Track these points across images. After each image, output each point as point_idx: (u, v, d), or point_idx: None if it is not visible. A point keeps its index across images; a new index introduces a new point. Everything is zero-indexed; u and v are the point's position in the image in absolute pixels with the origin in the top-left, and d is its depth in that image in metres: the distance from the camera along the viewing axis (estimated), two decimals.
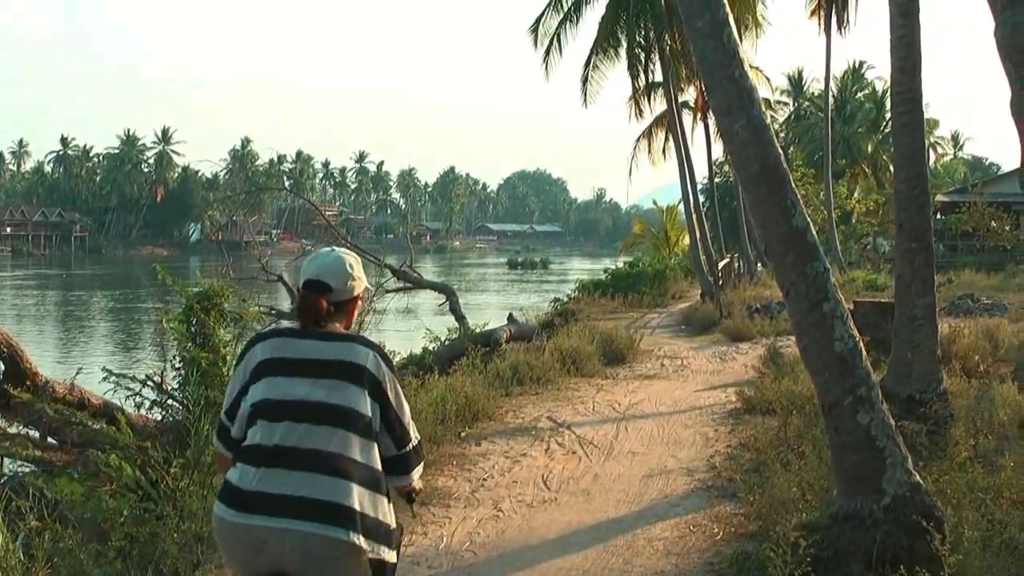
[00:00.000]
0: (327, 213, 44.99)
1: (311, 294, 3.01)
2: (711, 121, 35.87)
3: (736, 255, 40.74)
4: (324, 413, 2.81)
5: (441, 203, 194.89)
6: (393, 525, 2.87)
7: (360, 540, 2.73)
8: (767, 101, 43.91)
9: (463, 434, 9.98)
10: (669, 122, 31.77)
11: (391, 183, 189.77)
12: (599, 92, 30.55)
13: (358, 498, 2.76)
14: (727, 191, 50.24)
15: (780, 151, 5.94)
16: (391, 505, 2.88)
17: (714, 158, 40.08)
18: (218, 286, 8.69)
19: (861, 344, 5.69)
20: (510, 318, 20.53)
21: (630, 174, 39.53)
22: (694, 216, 30.40)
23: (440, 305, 23.23)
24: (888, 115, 61.95)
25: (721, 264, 29.61)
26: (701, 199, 37.51)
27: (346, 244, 19.86)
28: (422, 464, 3.00)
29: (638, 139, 39.03)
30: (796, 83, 68.88)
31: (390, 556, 2.85)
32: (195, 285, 8.18)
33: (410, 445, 2.94)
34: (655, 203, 56.96)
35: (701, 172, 46.71)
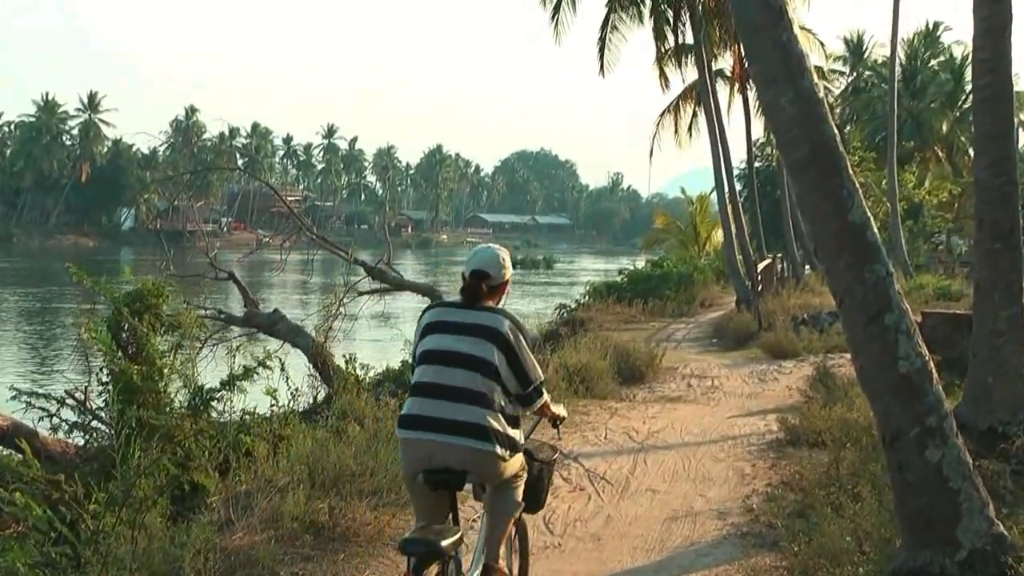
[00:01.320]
0: (289, 198, 44.99)
1: (474, 280, 5.16)
2: (751, 93, 35.87)
3: (779, 255, 40.77)
4: (467, 361, 4.93)
5: (426, 188, 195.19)
6: (518, 439, 5.06)
7: (496, 448, 4.88)
8: (820, 70, 43.99)
9: None
10: (700, 94, 31.76)
11: (366, 163, 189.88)
12: (618, 59, 30.61)
13: (490, 420, 4.87)
14: (769, 178, 50.37)
15: (835, 130, 5.93)
16: (517, 422, 5.07)
17: (754, 138, 40.13)
18: (154, 285, 8.71)
19: (931, 364, 5.68)
20: None
21: (651, 156, 39.47)
22: (729, 208, 30.42)
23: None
24: (968, 87, 61.89)
25: (761, 266, 29.62)
26: (738, 187, 37.56)
27: (311, 236, 19.84)
28: (546, 396, 5.18)
29: (662, 114, 38.93)
30: (855, 48, 68.61)
31: (515, 459, 5.06)
32: (126, 284, 8.17)
33: (532, 385, 5.05)
34: (683, 191, 57.10)
35: (738, 155, 46.82)
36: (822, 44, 42.59)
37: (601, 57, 30.62)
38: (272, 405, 10.94)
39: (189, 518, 7.45)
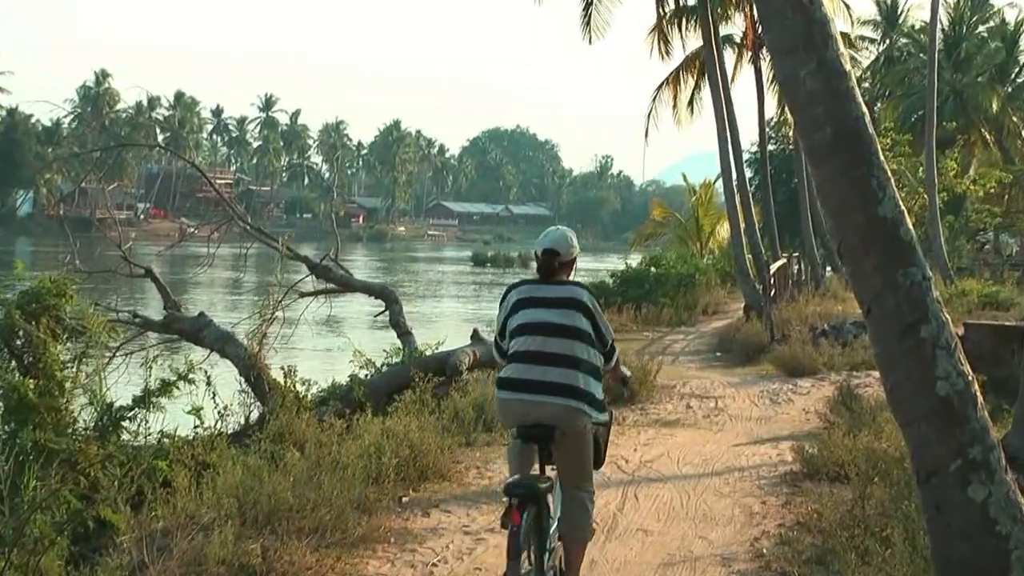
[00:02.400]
0: (218, 181, 44.80)
1: (547, 258, 6.90)
2: (765, 64, 36.01)
3: (795, 254, 40.99)
4: (558, 329, 6.65)
5: (381, 172, 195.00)
6: (601, 397, 6.74)
7: (585, 407, 6.55)
8: (846, 37, 44.13)
9: (405, 499, 9.97)
10: (705, 64, 31.82)
11: (310, 141, 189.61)
12: (609, 23, 30.65)
13: (582, 381, 6.57)
14: (785, 164, 50.59)
15: (863, 108, 5.94)
16: (601, 386, 6.79)
17: (768, 117, 40.33)
18: (54, 282, 8.63)
19: (975, 385, 5.69)
20: (475, 336, 20.44)
21: (647, 137, 39.53)
22: (737, 198, 30.52)
23: (376, 316, 23.09)
24: (1023, 58, 62.16)
25: (774, 267, 29.74)
26: (748, 174, 37.68)
27: (244, 226, 19.75)
28: (617, 356, 7.07)
29: (660, 88, 38.95)
30: (888, 12, 68.74)
31: (603, 417, 6.79)
32: (20, 281, 8.10)
33: (608, 346, 6.90)
34: (684, 179, 57.27)
35: (749, 136, 46.88)
36: (847, 7, 42.78)
37: (587, 19, 30.66)
38: (196, 426, 10.89)
39: (94, 561, 7.39)
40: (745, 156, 37.49)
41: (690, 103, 38.86)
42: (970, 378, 5.70)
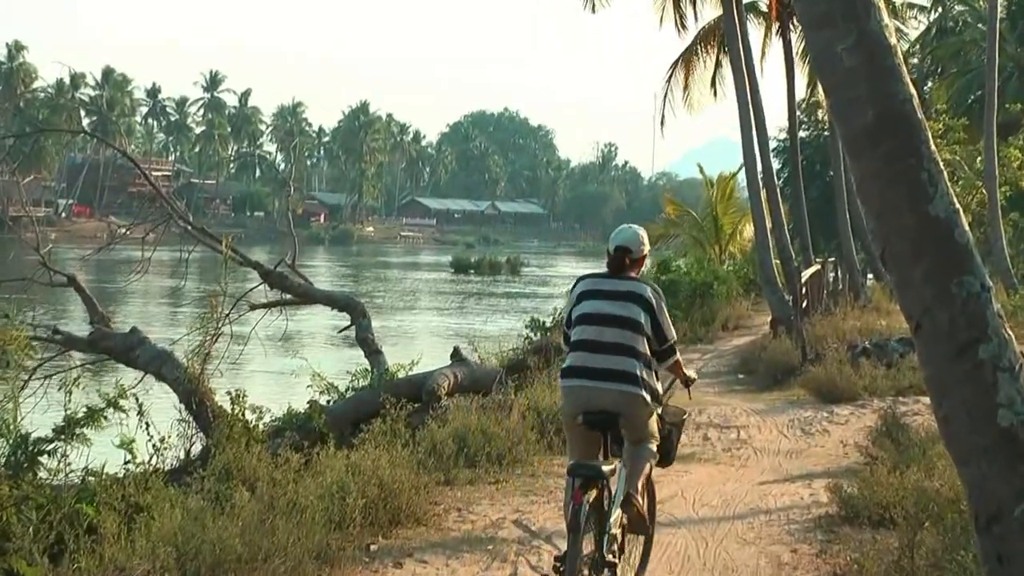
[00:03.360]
0: (154, 173, 44.74)
1: (619, 254, 8.38)
2: (795, 35, 36.06)
3: (831, 259, 41.01)
4: (618, 321, 8.11)
5: (346, 162, 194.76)
6: (659, 388, 8.30)
7: (643, 393, 8.03)
8: (891, 5, 44.18)
9: (374, 547, 9.97)
10: (726, 36, 31.87)
11: (263, 126, 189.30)
12: None
13: (640, 370, 8.02)
14: (819, 153, 50.62)
15: (911, 89, 5.93)
16: (656, 376, 8.25)
17: (798, 98, 40.30)
18: None
19: None
20: (456, 355, 20.44)
21: (662, 122, 39.57)
22: (763, 193, 30.55)
23: (340, 332, 23.06)
24: None
25: (807, 274, 29.79)
26: (775, 165, 37.70)
27: (184, 227, 19.71)
28: (678, 355, 8.52)
29: (674, 66, 38.96)
30: None
31: (657, 407, 8.35)
32: None
33: (668, 343, 8.26)
34: (700, 170, 57.26)
35: (777, 120, 46.96)
36: None
37: None
38: (127, 462, 10.86)
39: None
40: (772, 144, 37.60)
41: (712, 83, 38.87)
42: None
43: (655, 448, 8.52)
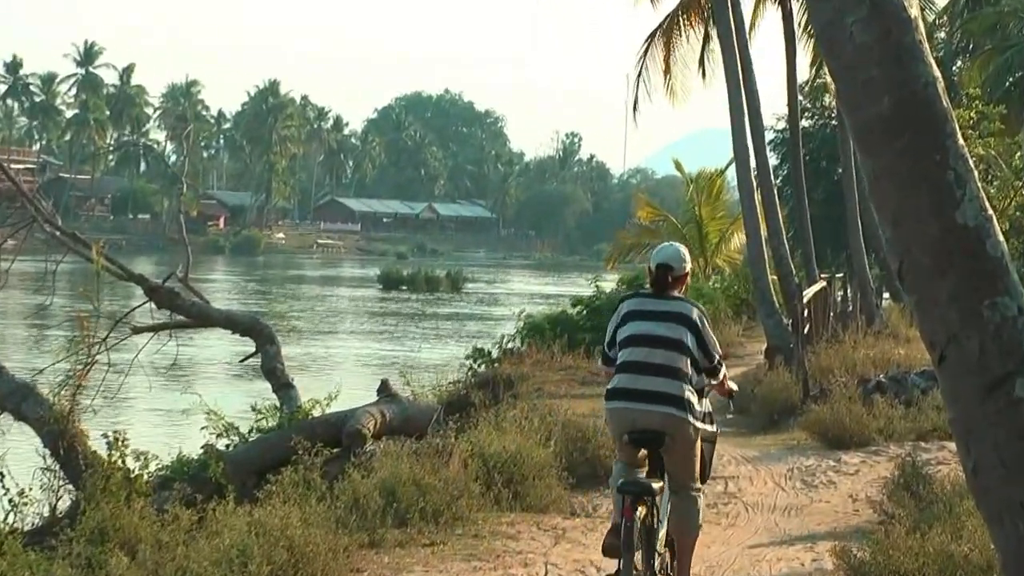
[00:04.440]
0: (14, 166, 44.53)
1: (661, 272, 10.19)
2: (797, 4, 36.20)
3: (839, 275, 41.20)
4: (665, 342, 9.92)
5: (251, 155, 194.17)
6: (707, 409, 10.19)
7: (690, 417, 9.78)
8: None
9: None
10: (713, 5, 31.96)
11: (149, 110, 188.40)
12: None
13: (687, 392, 9.81)
14: (825, 146, 50.71)
15: (936, 71, 5.94)
16: (706, 399, 10.24)
17: (800, 81, 40.44)
18: None
19: None
20: (384, 390, 20.44)
21: (636, 111, 39.63)
22: (758, 195, 30.64)
23: (243, 361, 23.01)
24: None
25: (810, 292, 29.87)
26: (773, 161, 37.80)
27: (51, 231, 19.57)
28: (725, 371, 10.43)
29: (650, 39, 38.95)
30: None
31: (706, 427, 10.13)
32: None
33: (715, 361, 10.15)
34: (678, 167, 57.26)
35: (773, 108, 47.07)
36: None
37: None
38: None
39: None
40: (769, 135, 37.68)
41: (700, 62, 38.89)
42: None
43: (702, 505, 10.27)
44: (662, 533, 9.59)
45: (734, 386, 10.97)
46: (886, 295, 43.57)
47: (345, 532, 12.17)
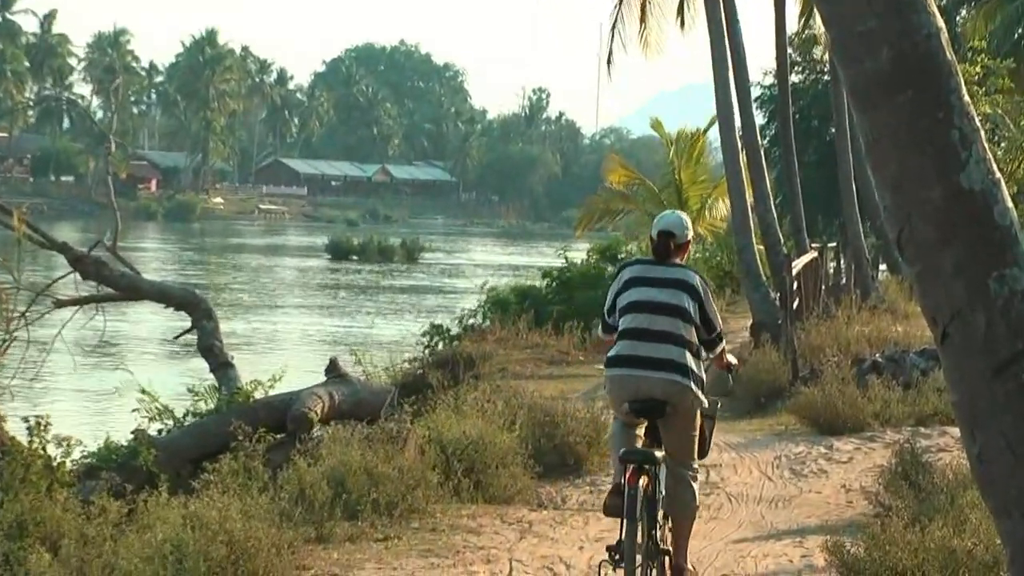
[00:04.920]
0: None
1: (663, 239, 10.81)
2: None
3: (832, 244, 41.27)
4: (667, 309, 10.58)
5: (186, 112, 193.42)
6: (705, 377, 10.79)
7: (691, 384, 10.45)
8: None
9: None
10: None
11: (73, 61, 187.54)
12: None
13: (688, 359, 10.50)
14: (816, 105, 50.73)
15: (939, 21, 5.95)
16: (702, 365, 10.81)
17: (790, 32, 40.45)
18: None
19: None
20: (333, 370, 20.42)
21: (609, 63, 39.57)
22: (743, 157, 30.66)
23: (177, 338, 22.93)
24: None
25: (800, 263, 29.89)
26: (759, 120, 37.76)
27: None
28: (724, 343, 11.15)
29: None
30: None
31: (703, 397, 10.66)
32: None
33: (716, 332, 10.92)
34: (657, 125, 57.15)
35: (761, 61, 47.05)
36: None
37: None
38: None
39: None
40: (756, 91, 37.65)
41: (680, 10, 38.83)
42: None
43: (697, 487, 10.81)
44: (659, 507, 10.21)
45: (733, 359, 11.64)
46: (883, 267, 43.74)
47: (290, 526, 12.14)
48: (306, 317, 57.71)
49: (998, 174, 5.85)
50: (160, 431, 16.82)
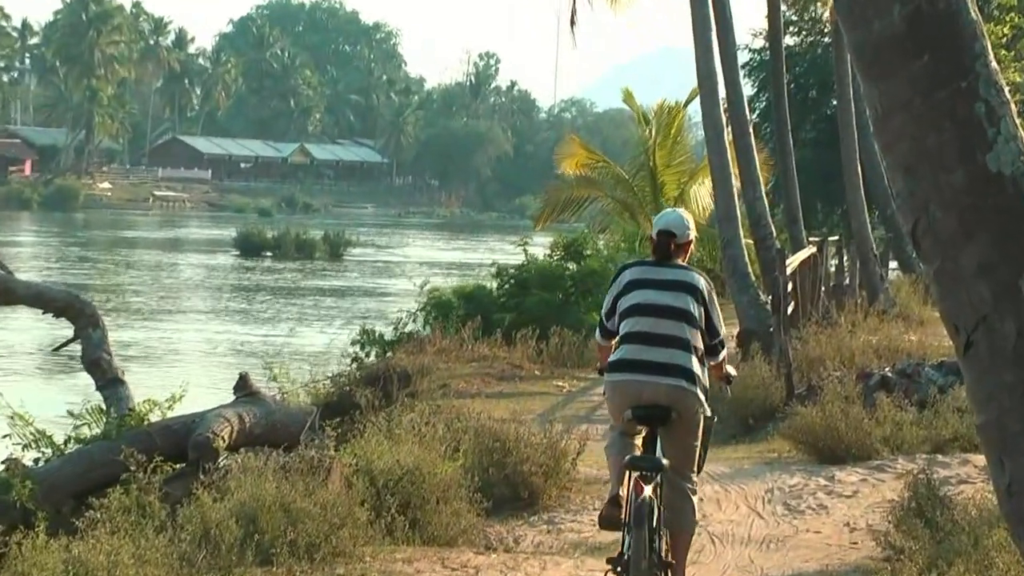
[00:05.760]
0: None
1: (663, 239, 12.25)
2: None
3: (835, 238, 41.42)
4: (671, 312, 11.98)
5: (67, 79, 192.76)
6: (707, 385, 12.20)
7: (696, 390, 11.84)
8: None
9: None
10: None
11: None
12: None
13: (695, 364, 11.92)
14: (815, 72, 50.84)
15: None
16: (707, 371, 12.26)
17: None
18: None
19: None
20: (243, 387, 20.41)
21: (572, 24, 39.63)
22: (728, 134, 30.70)
23: (56, 349, 22.89)
24: None
25: (796, 261, 29.99)
26: (748, 91, 37.76)
27: None
28: (726, 351, 12.54)
29: None
30: None
31: (708, 407, 12.13)
32: None
33: (718, 338, 12.25)
34: (628, 97, 57.18)
35: (750, 21, 47.23)
36: None
37: None
38: None
39: None
40: (744, 57, 37.70)
41: None
42: None
43: (696, 501, 12.04)
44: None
45: (732, 370, 12.96)
46: (893, 264, 43.99)
47: (192, 572, 12.15)
48: (212, 324, 57.74)
49: None
50: (37, 460, 16.79)
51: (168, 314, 60.38)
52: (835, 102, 42.87)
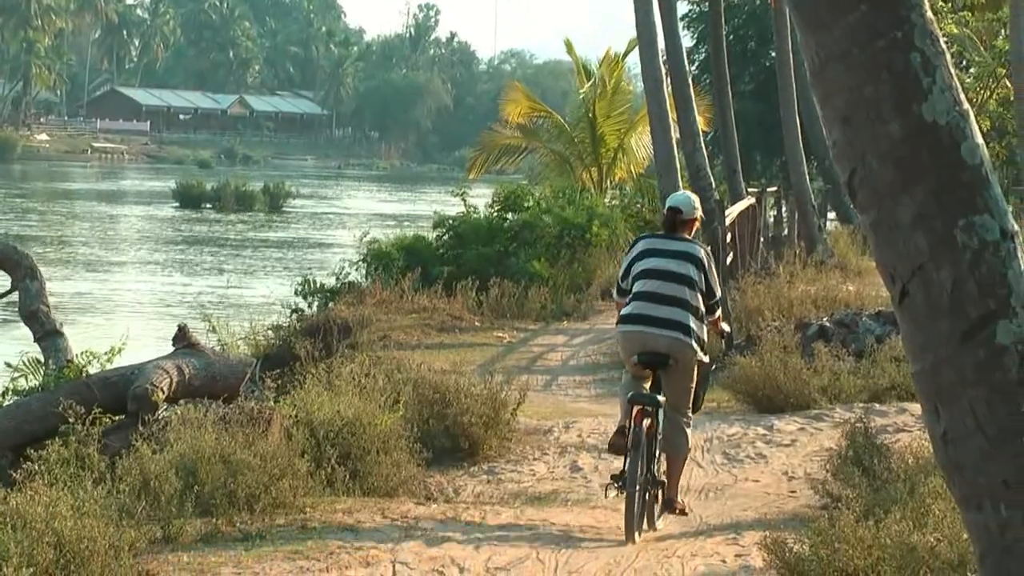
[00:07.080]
0: None
1: (671, 214, 15.76)
2: None
3: (774, 188, 41.45)
4: (675, 277, 15.19)
5: (2, 31, 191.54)
6: (705, 339, 15.40)
7: (691, 341, 14.90)
8: None
9: None
10: None
11: None
12: None
13: (691, 321, 14.99)
14: (754, 23, 50.84)
15: None
16: (706, 329, 15.44)
17: None
18: None
19: None
20: (182, 338, 20.35)
21: None
22: (667, 85, 30.71)
23: None
24: None
25: (734, 211, 30.00)
26: (687, 42, 37.67)
27: None
28: (720, 310, 15.99)
29: None
30: None
31: (704, 357, 15.39)
32: None
33: (715, 299, 15.33)
34: (568, 47, 57.14)
35: None
36: None
37: None
38: None
39: None
40: (683, 8, 37.65)
41: None
42: None
43: (690, 432, 14.80)
44: (661, 440, 14.03)
45: (727, 327, 16.39)
46: (831, 215, 44.06)
47: (131, 524, 12.05)
48: (150, 276, 57.48)
49: (966, 105, 5.83)
50: None
51: (105, 266, 60.08)
52: (774, 54, 42.90)
